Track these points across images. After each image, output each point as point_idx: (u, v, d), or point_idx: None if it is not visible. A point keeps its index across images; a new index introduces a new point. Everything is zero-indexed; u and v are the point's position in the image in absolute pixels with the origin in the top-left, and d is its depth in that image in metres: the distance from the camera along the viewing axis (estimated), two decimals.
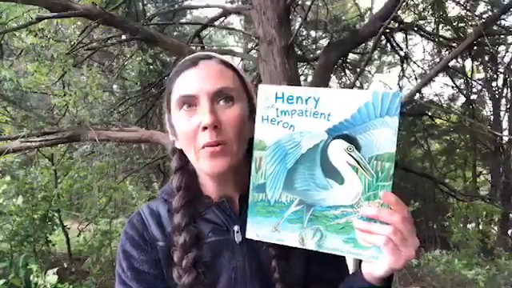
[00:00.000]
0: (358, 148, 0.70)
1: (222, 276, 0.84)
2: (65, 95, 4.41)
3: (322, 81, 4.87)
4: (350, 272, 0.93)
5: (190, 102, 0.81)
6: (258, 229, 0.76)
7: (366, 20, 6.27)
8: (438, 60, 6.86)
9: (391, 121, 0.69)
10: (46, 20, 3.92)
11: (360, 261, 0.76)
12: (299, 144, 0.73)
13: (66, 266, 5.02)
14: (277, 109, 0.74)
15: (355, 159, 0.70)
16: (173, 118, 0.85)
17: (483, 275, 4.92)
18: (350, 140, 0.70)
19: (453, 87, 7.79)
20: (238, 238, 0.86)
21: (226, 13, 5.66)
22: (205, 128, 0.77)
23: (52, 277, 3.71)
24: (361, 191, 0.71)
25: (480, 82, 8.46)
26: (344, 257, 0.90)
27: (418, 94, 5.73)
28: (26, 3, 3.69)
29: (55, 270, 3.83)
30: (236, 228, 0.86)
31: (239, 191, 0.88)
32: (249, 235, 0.77)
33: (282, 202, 0.74)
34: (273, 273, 0.84)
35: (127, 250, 0.87)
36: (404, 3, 4.94)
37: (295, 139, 0.73)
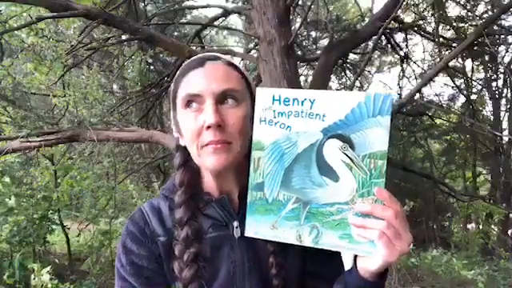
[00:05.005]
0: (352, 147, 0.72)
1: (221, 270, 0.86)
2: (65, 95, 4.43)
3: (321, 81, 4.88)
4: (346, 269, 0.94)
5: (195, 101, 0.83)
6: (257, 227, 0.78)
7: (367, 20, 6.28)
8: (438, 60, 6.86)
9: (383, 120, 0.72)
10: (45, 20, 3.93)
11: (355, 257, 0.77)
12: (296, 144, 0.75)
13: (57, 263, 5.01)
14: (274, 110, 0.76)
15: (349, 157, 0.73)
16: (178, 116, 0.88)
17: (483, 275, 4.92)
18: (344, 139, 0.73)
19: (453, 87, 7.80)
20: (237, 233, 0.88)
21: (226, 13, 5.67)
22: (208, 127, 0.79)
23: (46, 276, 3.71)
24: (355, 188, 0.73)
25: (480, 82, 8.47)
26: (339, 253, 0.92)
27: (418, 94, 5.73)
28: (26, 3, 3.70)
29: (48, 268, 3.83)
30: (235, 224, 0.88)
31: (238, 188, 0.89)
32: (247, 233, 0.79)
33: (280, 201, 0.76)
34: (270, 268, 0.86)
35: (127, 245, 0.88)
36: (404, 3, 4.95)
37: (292, 139, 0.75)
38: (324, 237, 0.74)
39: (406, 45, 6.17)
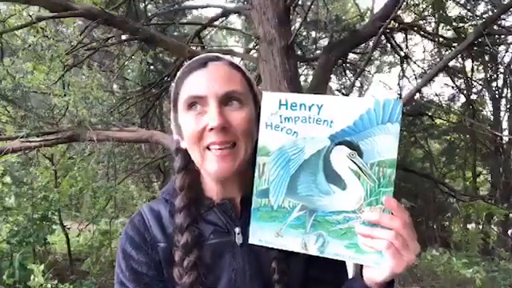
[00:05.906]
0: (360, 154, 0.71)
1: (223, 277, 0.84)
2: (65, 95, 4.41)
3: (321, 81, 4.87)
4: (350, 276, 0.93)
5: (198, 103, 0.80)
6: (261, 234, 0.76)
7: (366, 20, 6.27)
8: (438, 60, 6.86)
9: (393, 128, 0.70)
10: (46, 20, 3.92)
11: (361, 266, 0.76)
12: (302, 150, 0.73)
13: (57, 263, 5.02)
14: (280, 115, 0.74)
15: (357, 165, 0.71)
16: (179, 118, 0.85)
17: (481, 273, 4.93)
18: (353, 146, 0.71)
19: (453, 87, 7.79)
20: (239, 239, 0.86)
21: (226, 13, 5.66)
22: (211, 129, 0.77)
23: (40, 278, 3.71)
24: (363, 197, 0.71)
25: (480, 82, 8.45)
26: (344, 261, 0.90)
27: (418, 94, 5.73)
28: (26, 3, 3.69)
29: (42, 266, 3.83)
30: (237, 230, 0.86)
31: (241, 193, 0.87)
32: (252, 240, 0.77)
33: (285, 208, 0.75)
34: (272, 274, 0.85)
35: (127, 250, 0.87)
36: (404, 3, 4.94)
37: (298, 145, 0.74)
38: (330, 246, 0.73)
39: (406, 45, 6.15)
